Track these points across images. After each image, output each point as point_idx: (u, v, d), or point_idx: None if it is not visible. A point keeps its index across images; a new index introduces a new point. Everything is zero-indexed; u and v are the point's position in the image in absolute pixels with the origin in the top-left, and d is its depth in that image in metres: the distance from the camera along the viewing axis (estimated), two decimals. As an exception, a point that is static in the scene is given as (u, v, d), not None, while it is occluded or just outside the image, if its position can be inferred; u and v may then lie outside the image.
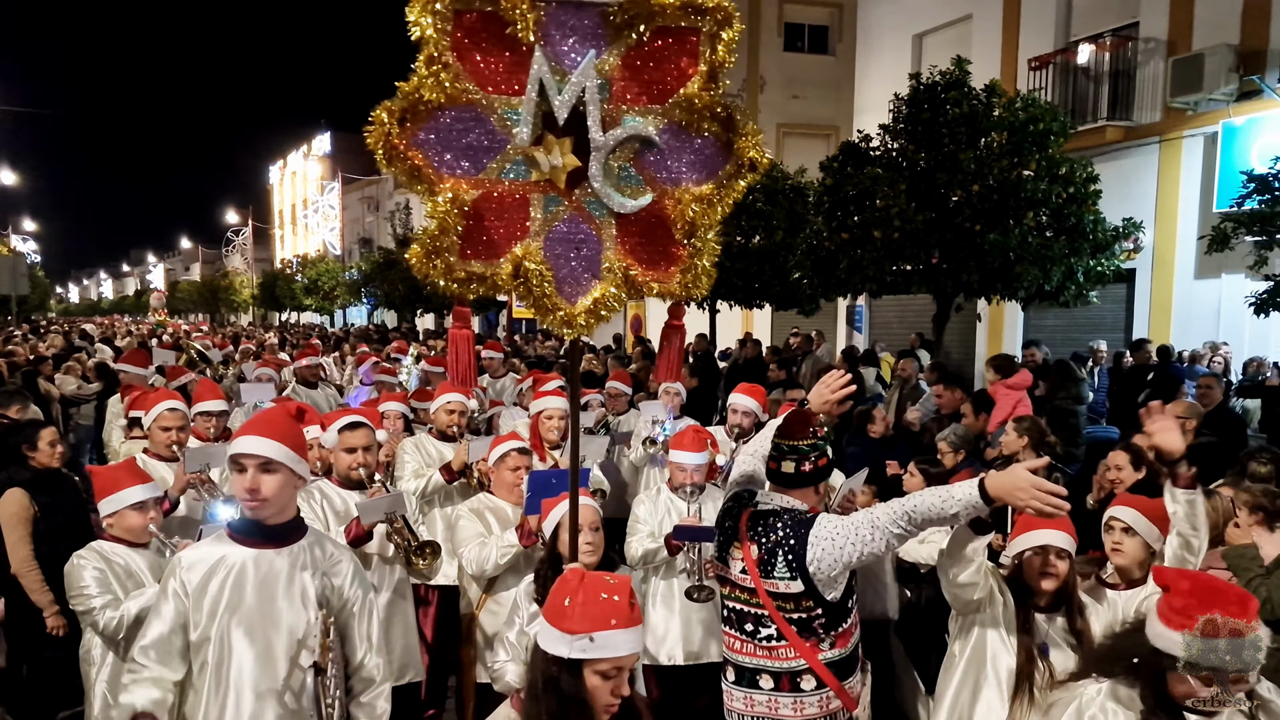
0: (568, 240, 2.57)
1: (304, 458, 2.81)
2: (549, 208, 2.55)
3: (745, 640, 3.16)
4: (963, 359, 15.63)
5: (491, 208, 2.51)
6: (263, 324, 47.15)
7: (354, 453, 4.09)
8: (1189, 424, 6.42)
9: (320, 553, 2.83)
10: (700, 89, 2.56)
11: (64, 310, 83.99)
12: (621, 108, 2.54)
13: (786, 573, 3.02)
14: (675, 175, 2.63)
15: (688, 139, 2.60)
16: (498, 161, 2.51)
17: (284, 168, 62.71)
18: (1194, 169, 13.21)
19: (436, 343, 17.27)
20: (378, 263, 30.76)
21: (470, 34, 2.42)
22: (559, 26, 2.45)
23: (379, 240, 41.80)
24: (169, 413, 4.91)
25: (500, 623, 4.11)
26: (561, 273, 2.56)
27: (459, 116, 2.46)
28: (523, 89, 2.46)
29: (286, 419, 2.82)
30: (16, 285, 22.37)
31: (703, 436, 4.69)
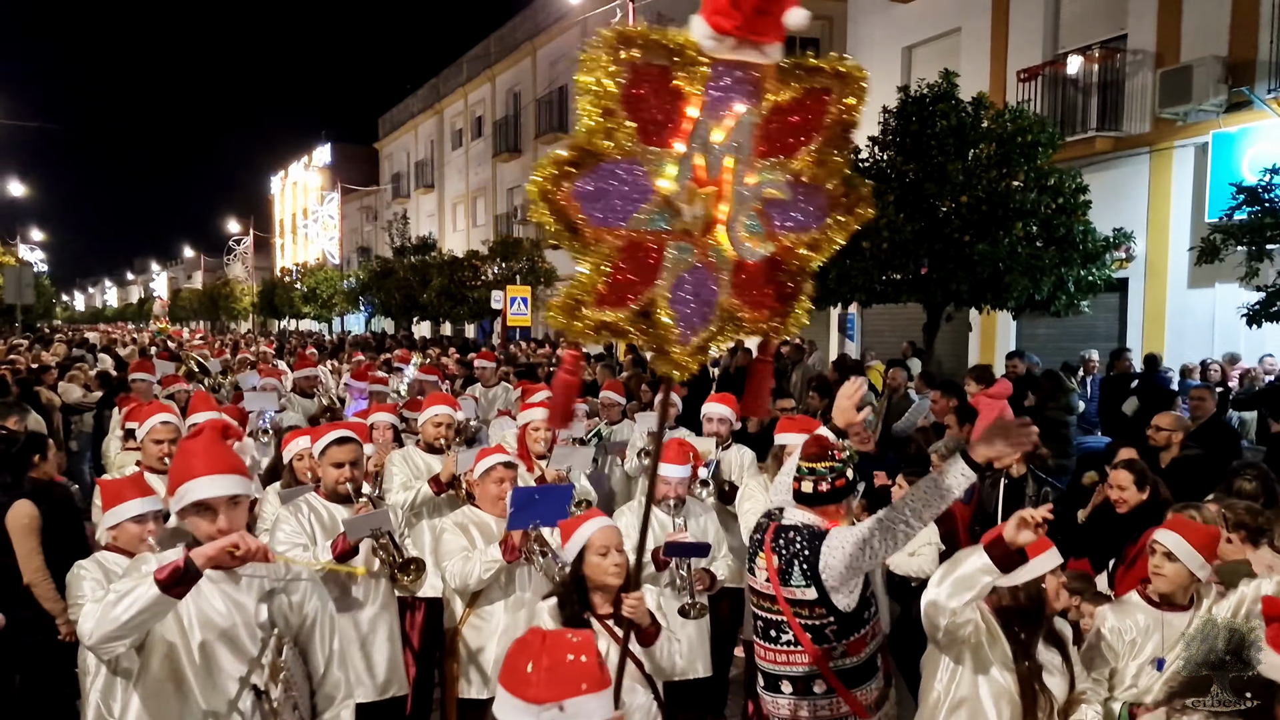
0: (691, 285, 2.60)
1: (249, 478, 2.83)
2: (680, 255, 2.58)
3: (768, 647, 3.47)
4: (955, 368, 15.69)
5: (629, 257, 2.53)
6: (262, 331, 47.27)
7: (341, 467, 4.11)
8: (1175, 436, 6.51)
9: (274, 569, 2.79)
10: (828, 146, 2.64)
11: (69, 318, 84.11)
12: (758, 161, 2.61)
13: (802, 580, 3.31)
14: (793, 224, 2.68)
15: (809, 191, 2.68)
16: (644, 212, 2.53)
17: (285, 178, 62.93)
18: (1185, 179, 13.31)
19: (434, 351, 17.36)
20: (375, 271, 30.88)
21: (639, 88, 2.43)
22: (720, 83, 2.49)
23: (376, 249, 41.95)
24: (161, 425, 4.97)
25: (484, 637, 4.20)
26: (681, 315, 2.59)
27: (616, 168, 2.48)
28: (672, 140, 2.49)
29: (223, 446, 2.82)
30: (22, 295, 22.51)
31: (685, 449, 4.73)
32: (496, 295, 21.17)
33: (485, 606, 4.24)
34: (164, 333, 35.65)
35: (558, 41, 28.87)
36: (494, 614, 4.24)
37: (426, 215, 40.27)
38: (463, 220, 37.29)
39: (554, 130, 28.98)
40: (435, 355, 16.18)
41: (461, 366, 12.89)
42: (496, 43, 33.45)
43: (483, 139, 34.84)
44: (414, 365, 11.72)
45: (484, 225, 34.31)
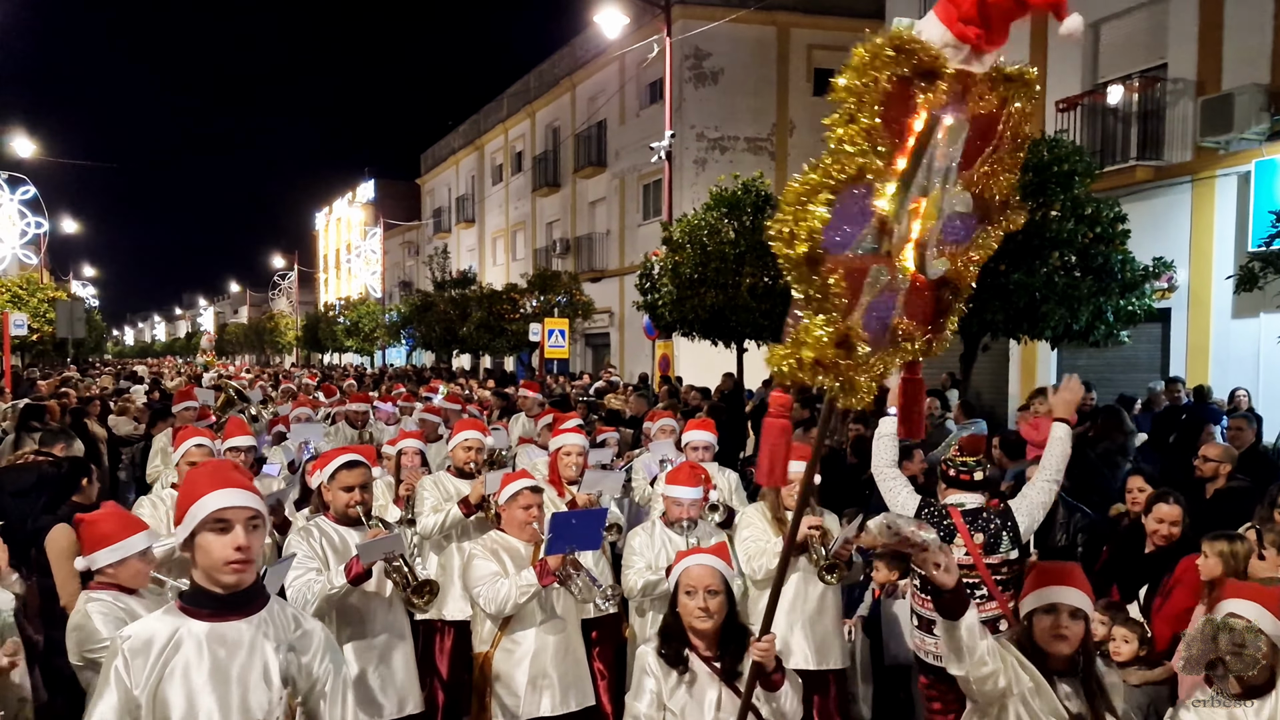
0: (877, 310, 2.38)
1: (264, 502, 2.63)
2: (877, 279, 2.35)
3: None
4: (994, 399, 15.49)
5: (850, 285, 2.29)
6: (305, 364, 48.03)
7: (351, 491, 4.14)
8: (1222, 468, 6.37)
9: (285, 622, 2.54)
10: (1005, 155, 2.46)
11: (118, 352, 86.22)
12: (960, 174, 2.44)
13: (1010, 545, 4.39)
14: (957, 240, 2.52)
15: (979, 206, 2.49)
16: (862, 236, 2.28)
17: (329, 214, 64.20)
18: (1228, 208, 13.09)
19: (471, 382, 17.51)
20: (416, 305, 31.29)
21: (891, 101, 2.18)
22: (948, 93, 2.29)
23: (418, 283, 42.54)
24: (196, 449, 5.04)
25: (514, 661, 4.22)
26: (870, 343, 2.37)
27: (856, 191, 2.21)
28: (898, 157, 2.24)
29: (236, 467, 2.63)
30: (74, 329, 23.15)
31: (698, 472, 4.83)
32: (535, 328, 21.35)
33: (518, 631, 4.26)
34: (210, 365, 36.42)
35: (596, 77, 29.27)
36: (526, 638, 4.25)
37: (467, 249, 40.80)
38: (502, 254, 37.72)
39: (592, 164, 29.31)
40: (465, 384, 16.31)
41: (497, 397, 12.99)
42: (536, 79, 33.98)
43: (522, 174, 35.31)
44: (441, 393, 11.85)
45: (523, 259, 34.67)
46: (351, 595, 3.94)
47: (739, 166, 19.58)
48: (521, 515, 4.37)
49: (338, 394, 12.78)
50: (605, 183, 29.22)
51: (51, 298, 27.57)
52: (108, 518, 3.53)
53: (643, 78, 26.06)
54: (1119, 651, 4.35)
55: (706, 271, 13.73)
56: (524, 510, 4.36)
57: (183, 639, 2.36)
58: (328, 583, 3.83)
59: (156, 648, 2.34)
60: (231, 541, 2.38)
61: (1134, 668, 4.33)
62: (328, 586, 3.82)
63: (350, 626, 4.07)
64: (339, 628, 4.02)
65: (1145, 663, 4.34)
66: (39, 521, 4.71)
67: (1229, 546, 4.12)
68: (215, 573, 2.40)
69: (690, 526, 4.68)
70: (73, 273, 58.06)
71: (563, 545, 4.05)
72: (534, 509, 4.36)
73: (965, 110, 2.32)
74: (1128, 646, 4.34)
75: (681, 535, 4.66)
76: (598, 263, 29.20)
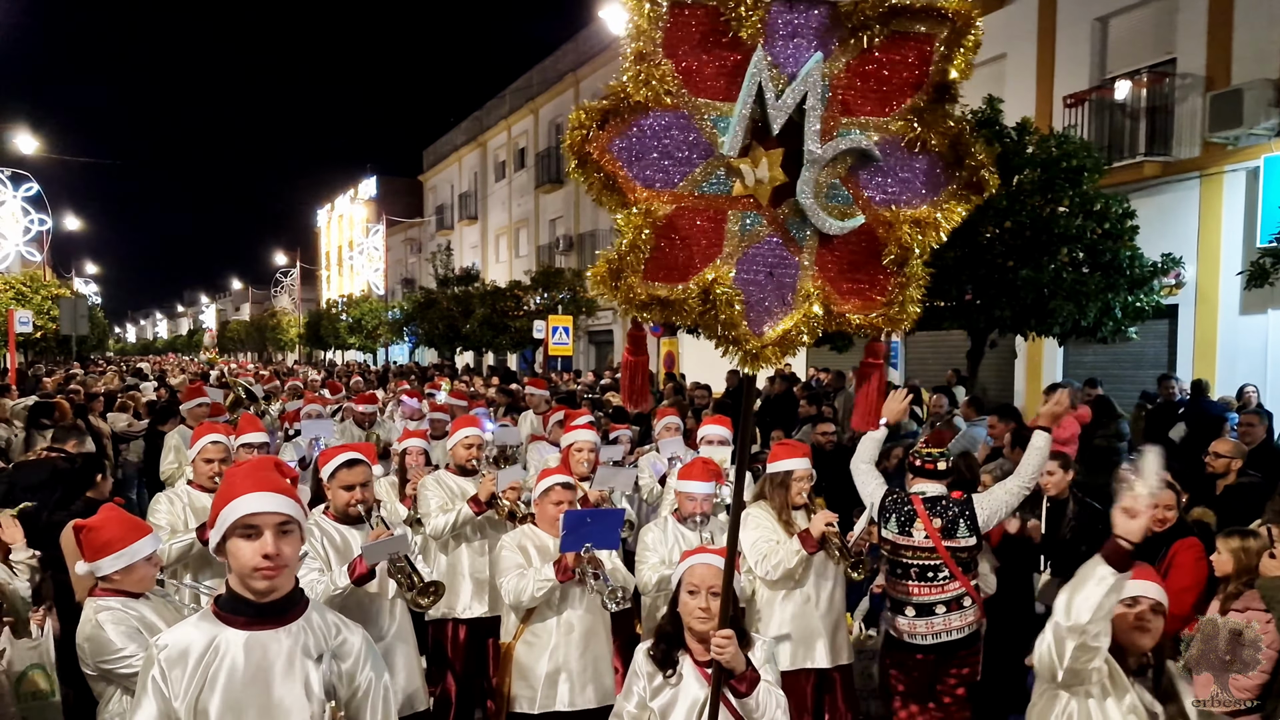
0: (762, 263, 2.24)
1: (304, 510, 2.53)
2: (747, 226, 2.23)
3: (924, 585, 4.63)
4: (1000, 395, 15.46)
5: (684, 225, 2.20)
6: (308, 362, 48.05)
7: (351, 490, 4.11)
8: (1234, 463, 6.36)
9: (325, 630, 2.46)
10: (930, 101, 2.25)
11: (120, 349, 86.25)
12: (840, 118, 2.24)
13: (966, 533, 4.62)
14: (890, 195, 2.30)
15: (908, 155, 2.28)
16: (698, 173, 2.20)
17: (331, 211, 64.19)
18: (1236, 204, 13.06)
19: (475, 380, 17.50)
20: (419, 302, 31.29)
21: (684, 30, 2.12)
22: (784, 25, 2.16)
23: (420, 280, 42.55)
24: (212, 445, 5.00)
25: (535, 654, 4.26)
26: (752, 299, 2.24)
27: (661, 122, 2.16)
28: (733, 94, 2.16)
29: (274, 470, 2.49)
30: (77, 326, 23.15)
31: (710, 467, 4.81)
32: (538, 325, 21.34)
33: (538, 624, 4.30)
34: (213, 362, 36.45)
35: (600, 73, 29.24)
36: (546, 632, 4.29)
37: (470, 246, 40.80)
38: (505, 251, 37.72)
39: (595, 161, 29.25)
40: (469, 381, 16.31)
41: (502, 394, 12.99)
42: (539, 74, 33.97)
43: (525, 170, 35.31)
44: (444, 390, 11.85)
45: (526, 256, 34.67)
46: (354, 595, 3.91)
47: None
48: (552, 511, 4.39)
49: (343, 391, 12.76)
50: (609, 179, 29.15)
51: (55, 295, 27.58)
52: (110, 523, 3.38)
53: (646, 74, 26.00)
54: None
55: (712, 268, 13.71)
56: (555, 506, 4.37)
57: (221, 648, 2.29)
58: (331, 583, 3.81)
59: (194, 656, 2.27)
60: (260, 548, 2.30)
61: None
62: (331, 587, 3.79)
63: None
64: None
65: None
66: (54, 517, 4.71)
67: (1241, 543, 4.12)
68: (245, 579, 2.34)
69: (703, 521, 4.68)
70: (75, 270, 58.10)
71: (577, 543, 4.07)
72: (564, 505, 4.36)
73: (833, 45, 2.18)
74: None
75: (694, 530, 4.67)
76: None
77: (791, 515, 4.79)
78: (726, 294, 2.18)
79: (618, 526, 4.32)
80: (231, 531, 2.33)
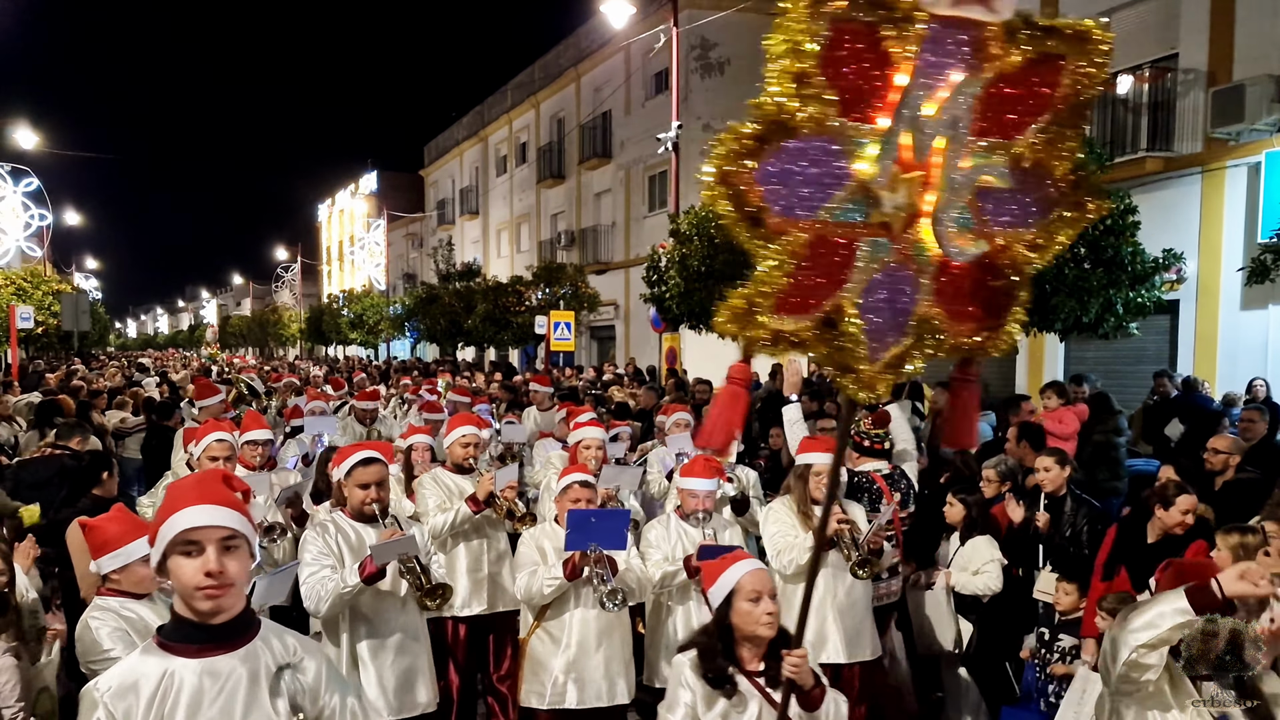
0: (885, 290, 2.16)
1: (255, 530, 2.38)
2: (876, 254, 2.15)
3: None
4: (1002, 391, 15.47)
5: (815, 255, 2.10)
6: (310, 357, 48.06)
7: (367, 488, 4.12)
8: (1231, 459, 6.38)
9: (284, 651, 2.30)
10: (1056, 123, 2.17)
11: (121, 345, 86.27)
12: (977, 141, 2.16)
13: (912, 504, 5.28)
14: (1008, 219, 2.22)
15: (1027, 179, 2.22)
16: (836, 200, 2.10)
17: (332, 205, 64.14)
18: (1238, 199, 13.06)
19: (477, 376, 17.51)
20: (420, 297, 31.29)
21: (839, 49, 2.02)
22: (937, 45, 2.07)
23: (422, 275, 42.54)
24: (217, 443, 5.04)
25: (548, 651, 4.33)
26: (871, 327, 2.16)
27: (809, 146, 2.06)
28: (879, 116, 2.07)
29: (224, 484, 2.33)
30: (79, 321, 23.17)
31: (712, 464, 4.86)
32: (540, 320, 21.35)
33: (552, 621, 4.36)
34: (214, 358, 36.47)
35: (601, 68, 29.22)
36: (559, 629, 4.34)
37: (471, 241, 40.78)
38: (507, 246, 37.71)
39: (597, 155, 29.27)
40: (470, 377, 16.31)
41: (504, 390, 13.00)
42: (540, 69, 33.93)
43: (527, 165, 35.28)
44: (444, 386, 11.86)
45: (528, 251, 34.67)
46: (365, 594, 3.94)
47: (745, 158, 19.47)
48: (570, 509, 4.40)
49: (345, 387, 12.76)
50: (610, 174, 29.18)
51: (56, 290, 27.57)
52: (112, 521, 3.39)
53: (648, 68, 26.01)
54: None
55: (715, 264, 13.72)
56: (573, 504, 4.38)
57: (175, 681, 2.11)
58: (341, 581, 3.82)
59: (145, 695, 2.09)
60: (202, 566, 2.11)
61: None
62: (341, 585, 3.81)
63: (365, 625, 4.09)
64: (353, 626, 4.04)
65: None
66: (60, 515, 4.72)
67: (1240, 539, 4.14)
68: (189, 600, 2.15)
69: (705, 518, 4.73)
70: (75, 265, 58.07)
71: (582, 542, 4.09)
72: (583, 503, 4.37)
73: (980, 65, 2.10)
74: None
75: (697, 528, 4.72)
76: (603, 255, 29.19)
77: (811, 509, 4.81)
78: (852, 322, 2.11)
79: (624, 526, 4.30)
80: (172, 549, 2.15)
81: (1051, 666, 4.92)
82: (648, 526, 4.97)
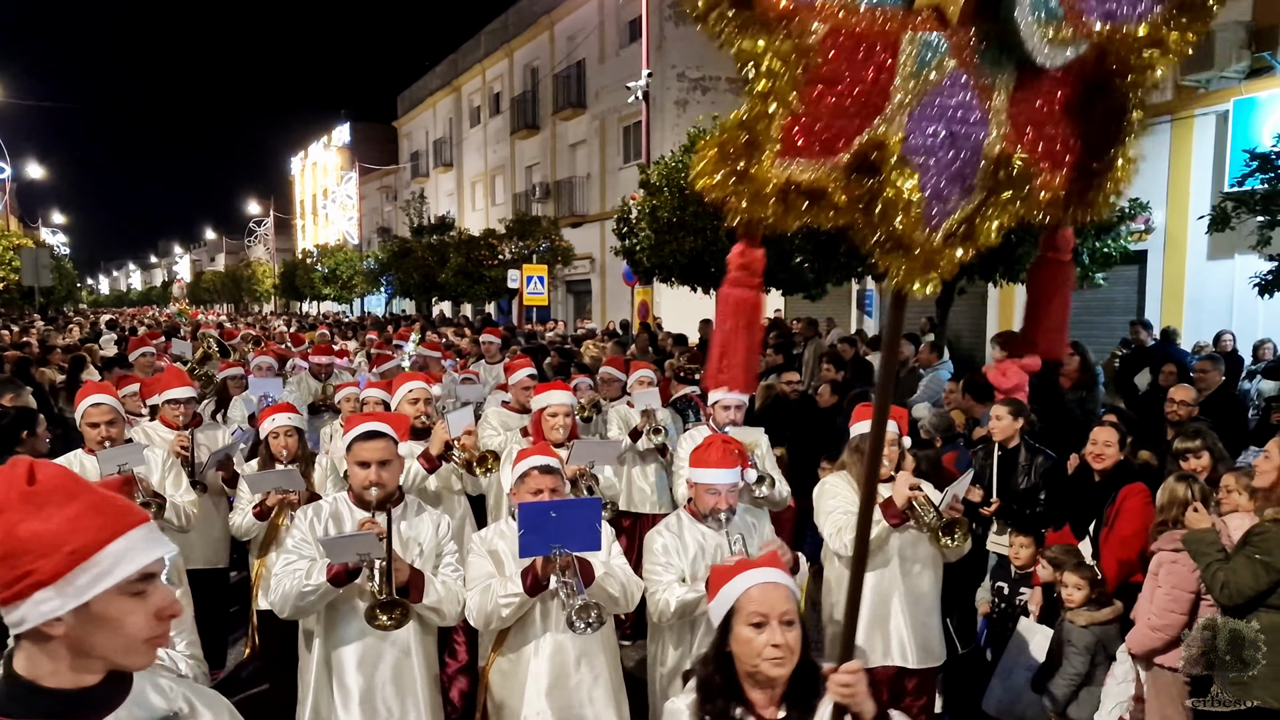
0: (942, 116, 1.49)
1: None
2: (924, 60, 1.46)
3: None
4: (973, 342, 15.54)
5: (837, 62, 1.42)
6: (286, 313, 47.70)
7: (367, 468, 3.41)
8: (1194, 410, 6.43)
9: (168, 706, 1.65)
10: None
11: (93, 301, 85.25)
12: None
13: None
14: (1112, 7, 1.55)
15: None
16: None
17: (305, 158, 63.17)
18: (1205, 148, 13.03)
19: (446, 330, 17.38)
20: (394, 252, 30.99)
21: None
22: None
23: (396, 229, 42.09)
24: (93, 408, 4.51)
25: (510, 687, 3.45)
26: (927, 174, 1.49)
27: None
28: None
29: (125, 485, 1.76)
30: (40, 277, 22.79)
31: (731, 447, 3.88)
32: (513, 275, 21.19)
33: (511, 651, 3.48)
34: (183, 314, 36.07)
35: (575, 15, 28.67)
36: (523, 659, 3.46)
37: (446, 194, 40.30)
38: (481, 199, 37.29)
39: (571, 106, 28.85)
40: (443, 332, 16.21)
41: (474, 345, 12.90)
42: (514, 16, 33.26)
43: (501, 116, 34.76)
44: (413, 341, 11.74)
45: (503, 204, 34.30)
46: (347, 598, 3.30)
47: (721, 107, 19.30)
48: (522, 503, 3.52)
49: (306, 343, 12.65)
50: (585, 125, 28.79)
51: (17, 245, 27.06)
52: None
53: (622, 15, 25.54)
54: (1071, 598, 4.45)
55: (685, 215, 13.59)
56: (533, 495, 3.50)
57: None
58: (303, 577, 3.21)
59: None
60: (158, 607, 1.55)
61: (1083, 609, 4.40)
62: (303, 583, 3.20)
63: (342, 631, 3.41)
64: (328, 631, 3.41)
65: (1094, 604, 4.43)
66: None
67: (1173, 484, 4.32)
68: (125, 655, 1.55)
69: (727, 519, 3.77)
70: (42, 220, 57.04)
71: (542, 545, 3.21)
72: (544, 494, 3.49)
73: None
74: (1079, 593, 4.45)
75: (718, 530, 3.77)
76: (578, 207, 28.91)
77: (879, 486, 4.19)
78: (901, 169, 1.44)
79: (595, 520, 3.30)
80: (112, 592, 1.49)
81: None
82: (652, 535, 3.88)
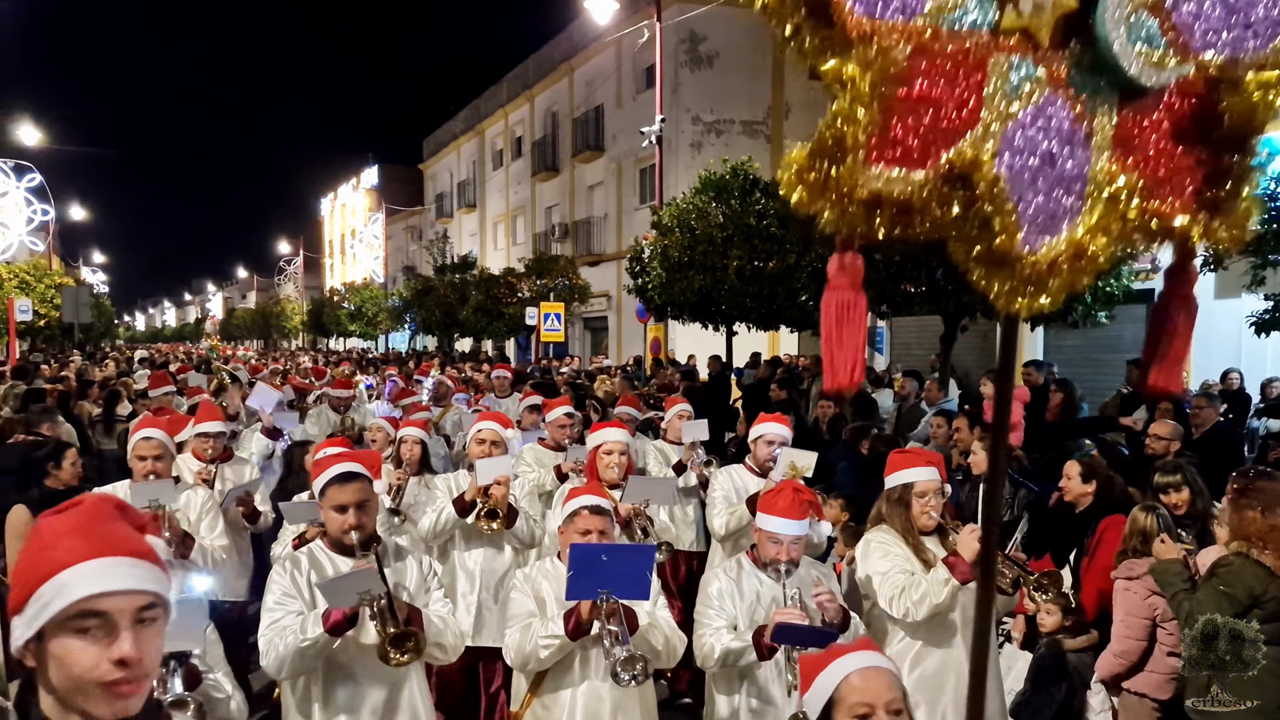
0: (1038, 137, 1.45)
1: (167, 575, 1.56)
2: (1016, 81, 1.44)
3: None
4: (979, 379, 15.63)
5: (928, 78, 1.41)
6: (313, 348, 48.46)
7: (344, 512, 3.23)
8: (1172, 445, 6.54)
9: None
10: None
11: (129, 338, 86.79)
12: None
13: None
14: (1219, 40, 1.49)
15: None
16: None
17: (334, 199, 64.44)
18: (1212, 188, 13.11)
19: (465, 365, 17.71)
20: (417, 289, 31.52)
21: None
22: None
23: (420, 268, 42.78)
24: (143, 442, 4.50)
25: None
26: (1024, 193, 1.44)
27: None
28: None
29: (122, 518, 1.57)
30: (80, 314, 23.48)
31: (804, 498, 3.68)
32: (531, 312, 21.54)
33: (550, 694, 3.35)
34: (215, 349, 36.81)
35: (593, 62, 29.30)
36: (560, 706, 3.34)
37: (469, 234, 40.97)
38: (503, 239, 37.88)
39: (589, 148, 29.39)
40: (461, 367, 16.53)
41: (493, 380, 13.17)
42: (534, 63, 34.02)
43: (522, 159, 35.42)
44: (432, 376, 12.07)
45: (524, 244, 34.83)
46: (345, 647, 3.13)
47: (734, 150, 19.66)
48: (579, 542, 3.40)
49: (327, 376, 12.99)
50: (603, 167, 29.31)
51: (59, 284, 27.87)
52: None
53: (639, 61, 26.10)
54: (1044, 623, 4.54)
55: (694, 255, 13.89)
56: (581, 536, 3.39)
57: None
58: (300, 633, 3.02)
59: None
60: (110, 651, 1.41)
61: (1059, 636, 4.51)
62: (300, 639, 3.00)
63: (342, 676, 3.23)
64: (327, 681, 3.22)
65: (1070, 631, 4.53)
66: (8, 501, 4.86)
67: (1141, 515, 4.35)
68: (79, 698, 1.42)
69: (788, 571, 3.56)
70: (83, 259, 58.51)
71: (590, 589, 3.14)
72: (593, 535, 3.38)
73: None
74: (1050, 618, 4.54)
75: (777, 581, 3.56)
76: (596, 246, 29.33)
77: (920, 540, 3.78)
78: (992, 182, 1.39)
79: (648, 569, 3.25)
80: (60, 623, 1.40)
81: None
82: (709, 577, 3.78)
